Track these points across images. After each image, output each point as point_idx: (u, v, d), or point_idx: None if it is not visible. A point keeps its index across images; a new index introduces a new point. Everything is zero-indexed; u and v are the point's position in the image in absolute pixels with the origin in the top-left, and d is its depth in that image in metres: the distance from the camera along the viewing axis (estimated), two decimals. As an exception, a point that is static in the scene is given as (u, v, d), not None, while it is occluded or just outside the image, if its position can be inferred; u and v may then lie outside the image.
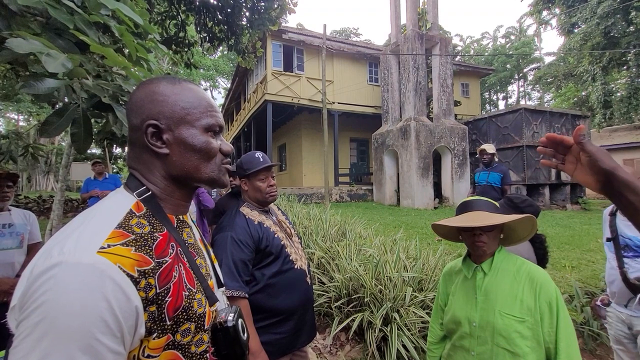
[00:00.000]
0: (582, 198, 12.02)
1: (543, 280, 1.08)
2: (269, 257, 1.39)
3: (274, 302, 1.38)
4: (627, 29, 14.14)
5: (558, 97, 29.57)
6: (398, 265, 2.92)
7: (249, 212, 1.46)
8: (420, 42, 11.61)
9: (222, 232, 1.37)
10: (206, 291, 0.64)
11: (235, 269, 1.29)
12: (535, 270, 1.12)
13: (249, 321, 1.27)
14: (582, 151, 0.65)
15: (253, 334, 1.26)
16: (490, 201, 1.22)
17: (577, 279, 3.65)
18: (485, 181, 4.46)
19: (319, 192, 12.49)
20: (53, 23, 1.36)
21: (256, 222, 1.42)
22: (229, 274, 1.27)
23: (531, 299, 1.06)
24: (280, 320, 1.39)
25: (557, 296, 1.05)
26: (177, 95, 0.63)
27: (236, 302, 1.25)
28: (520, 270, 1.12)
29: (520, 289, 1.09)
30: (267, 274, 1.38)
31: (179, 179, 0.64)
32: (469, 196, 1.66)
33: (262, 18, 4.78)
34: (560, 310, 1.04)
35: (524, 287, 1.09)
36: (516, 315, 1.06)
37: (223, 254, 1.31)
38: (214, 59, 33.22)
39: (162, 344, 0.54)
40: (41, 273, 0.45)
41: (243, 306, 1.26)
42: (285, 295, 1.40)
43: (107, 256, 0.48)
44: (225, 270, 1.27)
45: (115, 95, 1.44)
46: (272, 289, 1.38)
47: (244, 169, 1.49)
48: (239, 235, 1.34)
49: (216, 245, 1.36)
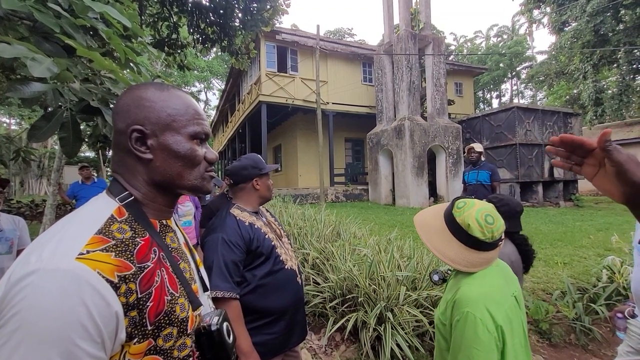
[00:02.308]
0: (574, 195, 12.17)
1: (461, 297, 1.00)
2: (259, 257, 1.40)
3: (266, 303, 1.38)
4: (616, 27, 14.33)
5: (550, 95, 29.89)
6: (392, 264, 2.94)
7: (240, 213, 1.46)
8: (414, 41, 11.67)
9: (213, 233, 1.38)
10: (189, 295, 0.64)
11: (226, 270, 1.29)
12: (466, 285, 1.03)
13: (240, 322, 1.28)
14: (607, 159, 0.57)
15: (244, 334, 1.26)
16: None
17: (569, 275, 3.69)
18: (475, 180, 4.54)
19: (314, 193, 12.49)
20: (40, 27, 1.35)
21: (247, 223, 1.43)
22: (220, 275, 1.28)
23: (450, 308, 1.04)
24: (272, 320, 1.40)
25: (463, 317, 0.96)
26: (164, 101, 0.63)
27: (228, 303, 1.25)
28: (460, 280, 1.07)
29: (450, 295, 1.08)
30: (258, 275, 1.38)
31: (162, 184, 0.65)
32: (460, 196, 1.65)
33: (255, 19, 4.77)
34: (456, 333, 0.97)
35: (453, 295, 1.06)
36: (440, 317, 1.08)
37: (214, 256, 1.31)
38: (207, 61, 33.11)
39: (144, 349, 0.54)
40: (19, 280, 0.45)
41: (234, 307, 1.27)
42: (276, 296, 1.41)
43: (86, 262, 0.48)
44: (216, 272, 1.27)
45: (105, 99, 1.44)
46: (263, 290, 1.38)
47: (260, 168, 1.54)
48: (229, 237, 1.34)
49: (207, 247, 1.36)
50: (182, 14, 5.04)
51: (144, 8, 4.57)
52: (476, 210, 1.03)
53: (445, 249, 1.06)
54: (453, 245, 1.05)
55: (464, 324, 0.95)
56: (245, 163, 1.54)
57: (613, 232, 4.91)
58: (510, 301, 1.02)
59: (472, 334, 0.93)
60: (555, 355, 2.65)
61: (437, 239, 1.08)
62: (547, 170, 11.68)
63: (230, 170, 1.54)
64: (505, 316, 0.97)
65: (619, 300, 3.03)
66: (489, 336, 0.92)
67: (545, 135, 11.78)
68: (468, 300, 0.98)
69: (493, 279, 1.05)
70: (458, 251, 1.04)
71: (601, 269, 3.46)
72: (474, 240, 1.02)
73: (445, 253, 1.05)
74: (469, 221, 1.02)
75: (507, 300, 1.02)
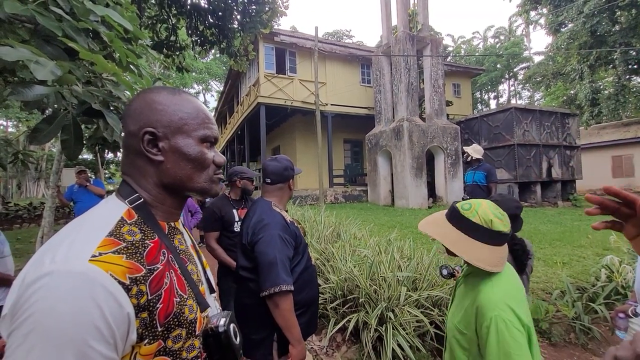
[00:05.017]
0: (573, 195, 12.22)
1: (485, 301, 0.99)
2: (301, 254, 1.50)
3: (300, 296, 1.45)
4: (612, 28, 14.41)
5: (548, 96, 30.02)
6: (392, 265, 2.94)
7: (281, 211, 1.53)
8: (412, 43, 11.71)
9: (268, 230, 1.41)
10: (197, 297, 0.65)
11: (287, 265, 1.37)
12: (485, 288, 1.02)
13: (293, 313, 1.35)
14: None
15: (297, 325, 1.34)
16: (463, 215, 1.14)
17: (569, 274, 3.70)
18: (472, 180, 4.59)
19: (313, 194, 12.50)
20: (42, 30, 1.35)
21: (289, 220, 1.52)
22: (284, 270, 1.35)
23: (472, 315, 1.02)
24: (302, 312, 1.47)
25: (493, 323, 0.94)
26: (176, 105, 0.64)
27: (287, 295, 1.32)
28: (478, 284, 1.06)
29: (468, 301, 1.06)
30: (298, 270, 1.47)
31: (171, 187, 0.66)
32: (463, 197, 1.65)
33: (254, 21, 4.79)
34: (490, 340, 0.94)
35: (472, 301, 1.04)
36: (458, 326, 1.07)
37: (275, 252, 1.36)
38: (206, 62, 33.11)
39: (154, 350, 0.54)
40: (32, 282, 0.46)
41: (291, 299, 1.34)
42: (308, 289, 1.50)
43: (99, 264, 0.48)
44: (281, 267, 1.34)
45: (106, 102, 1.44)
46: (301, 283, 1.46)
47: (295, 169, 1.64)
48: (284, 233, 1.42)
49: (265, 242, 1.38)
50: (181, 16, 5.05)
51: (142, 10, 4.58)
52: (487, 206, 1.04)
53: (474, 253, 1.03)
54: (476, 246, 1.03)
55: (496, 329, 0.93)
56: (286, 164, 1.61)
57: (611, 231, 4.92)
58: (525, 299, 1.04)
59: (508, 338, 0.91)
60: (555, 355, 2.66)
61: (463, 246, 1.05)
62: (545, 170, 11.73)
63: (271, 170, 1.57)
64: (528, 314, 0.98)
65: (618, 299, 3.04)
66: (522, 337, 0.91)
67: (543, 135, 11.83)
68: (493, 303, 0.97)
69: (508, 278, 1.05)
70: (482, 251, 1.02)
71: (600, 269, 3.48)
72: (497, 234, 1.01)
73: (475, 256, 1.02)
74: (490, 217, 1.02)
75: (525, 298, 1.03)
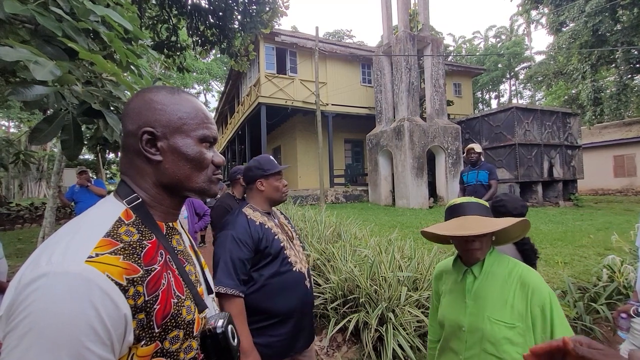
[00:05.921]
0: (574, 195, 12.18)
1: (535, 283, 1.02)
2: (267, 257, 1.41)
3: (271, 303, 1.38)
4: (614, 27, 14.36)
5: (549, 96, 29.95)
6: (393, 265, 2.94)
7: (252, 213, 1.49)
8: (412, 43, 11.70)
9: (224, 230, 1.40)
10: (195, 298, 0.65)
11: (232, 267, 1.30)
12: (527, 273, 1.06)
13: (242, 320, 1.28)
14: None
15: (246, 332, 1.26)
16: (480, 202, 1.16)
17: (570, 274, 3.69)
18: (475, 180, 4.54)
19: (314, 194, 12.49)
20: (42, 30, 1.35)
21: (257, 222, 1.45)
22: (225, 271, 1.29)
23: (522, 304, 1.01)
24: (277, 322, 1.39)
25: (551, 300, 1.00)
26: (175, 105, 0.64)
27: (231, 300, 1.26)
28: (511, 274, 1.07)
29: (511, 294, 1.04)
30: (265, 275, 1.39)
31: (170, 187, 0.65)
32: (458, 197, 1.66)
33: (254, 21, 4.79)
34: (555, 316, 0.97)
35: (515, 291, 1.04)
36: (506, 322, 1.02)
37: (222, 252, 1.33)
38: (207, 63, 33.13)
39: (151, 351, 0.54)
40: (29, 283, 0.45)
41: (237, 304, 1.27)
42: (282, 297, 1.40)
43: (95, 265, 0.48)
44: (222, 267, 1.29)
45: (106, 102, 1.44)
46: (269, 290, 1.39)
47: (264, 169, 1.53)
48: (239, 235, 1.36)
49: (217, 243, 1.38)
50: (182, 16, 5.06)
51: (143, 10, 4.58)
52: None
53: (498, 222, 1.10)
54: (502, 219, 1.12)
55: (556, 302, 1.02)
56: (250, 164, 1.57)
57: (613, 231, 4.90)
58: None
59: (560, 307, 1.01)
60: (557, 355, 2.65)
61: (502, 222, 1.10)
62: (547, 170, 11.70)
63: (242, 172, 1.60)
64: None
65: (620, 299, 3.03)
66: None
67: (544, 135, 11.80)
68: (541, 281, 1.05)
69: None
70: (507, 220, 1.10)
71: (601, 269, 3.46)
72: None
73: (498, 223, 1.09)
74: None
75: None
